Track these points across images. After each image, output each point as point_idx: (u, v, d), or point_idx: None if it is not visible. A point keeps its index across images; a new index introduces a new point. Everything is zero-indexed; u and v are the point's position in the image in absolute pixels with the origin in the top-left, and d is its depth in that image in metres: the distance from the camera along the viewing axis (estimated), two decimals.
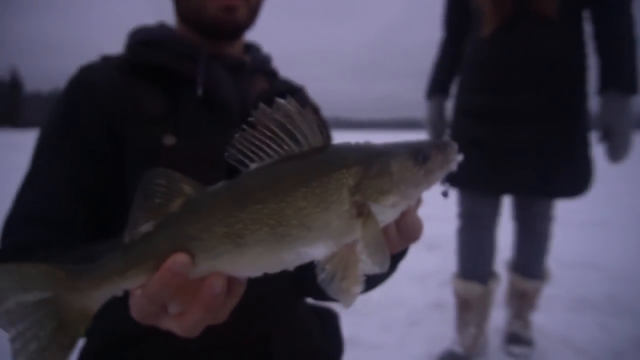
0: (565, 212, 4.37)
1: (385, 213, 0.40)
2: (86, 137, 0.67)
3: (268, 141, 0.40)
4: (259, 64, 0.83)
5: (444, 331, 2.09)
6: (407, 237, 0.45)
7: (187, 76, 0.72)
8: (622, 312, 2.38)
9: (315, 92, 0.92)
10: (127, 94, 0.70)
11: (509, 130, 1.63)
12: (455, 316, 1.97)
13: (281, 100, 0.39)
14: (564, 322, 2.22)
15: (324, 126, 0.41)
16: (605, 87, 1.56)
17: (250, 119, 0.40)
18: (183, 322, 0.40)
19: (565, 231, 3.79)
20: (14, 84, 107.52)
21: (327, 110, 0.90)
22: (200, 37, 0.77)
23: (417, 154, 0.40)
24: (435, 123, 1.99)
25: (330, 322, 0.85)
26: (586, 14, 1.61)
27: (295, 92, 0.87)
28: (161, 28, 0.80)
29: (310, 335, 0.79)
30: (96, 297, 0.39)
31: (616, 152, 1.55)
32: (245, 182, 0.40)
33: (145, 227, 0.39)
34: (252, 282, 0.43)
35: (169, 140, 0.67)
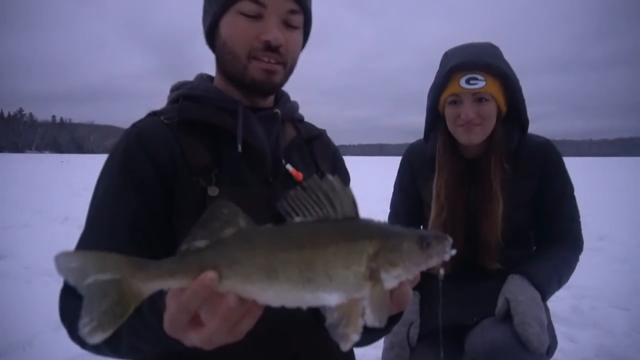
0: None
1: (390, 281, 0.52)
2: (143, 188, 0.76)
3: (313, 203, 0.51)
4: (288, 114, 0.93)
5: None
6: (399, 303, 0.58)
7: (228, 131, 0.82)
8: (586, 324, 2.62)
9: None
10: (176, 149, 0.79)
11: None
12: None
13: (331, 177, 0.51)
14: None
15: (356, 202, 0.52)
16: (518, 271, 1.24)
17: (303, 183, 0.51)
18: (203, 331, 0.50)
19: None
20: None
21: None
22: (238, 91, 0.86)
23: (422, 241, 0.52)
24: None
25: None
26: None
27: (319, 136, 0.98)
28: (202, 82, 0.89)
29: (332, 353, 0.88)
30: (149, 286, 0.51)
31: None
32: (289, 230, 0.51)
33: (200, 243, 0.51)
34: (287, 314, 0.53)
35: (213, 191, 0.76)
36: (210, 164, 0.79)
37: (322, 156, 0.96)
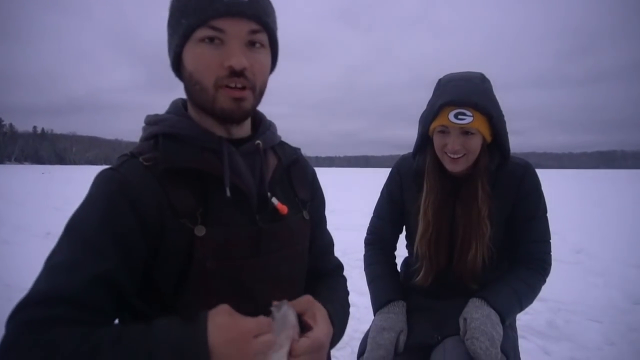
0: None
1: None
2: (124, 243, 0.74)
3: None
4: (269, 143, 0.92)
5: None
6: None
7: (213, 173, 0.81)
8: (560, 337, 2.72)
9: (278, 130, 0.99)
10: (161, 195, 0.78)
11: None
12: None
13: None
14: None
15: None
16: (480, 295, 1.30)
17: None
18: None
19: None
20: None
21: None
22: (212, 120, 0.84)
23: None
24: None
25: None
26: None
27: (296, 161, 0.99)
28: (181, 118, 0.86)
29: None
30: None
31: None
32: None
33: None
34: None
35: (200, 231, 0.77)
36: (195, 205, 0.79)
37: (299, 183, 0.98)
